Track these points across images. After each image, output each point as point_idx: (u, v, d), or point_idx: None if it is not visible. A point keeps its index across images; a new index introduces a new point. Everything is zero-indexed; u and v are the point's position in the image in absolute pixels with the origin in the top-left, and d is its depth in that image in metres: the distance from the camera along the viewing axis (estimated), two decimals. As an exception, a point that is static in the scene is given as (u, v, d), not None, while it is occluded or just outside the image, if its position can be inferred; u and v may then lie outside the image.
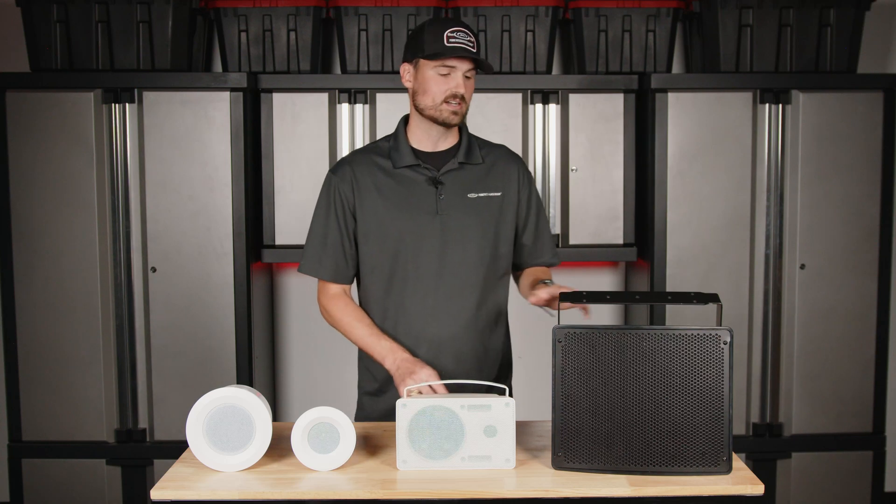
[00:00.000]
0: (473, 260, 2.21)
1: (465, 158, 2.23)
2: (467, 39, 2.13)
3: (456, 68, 2.14)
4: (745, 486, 1.77)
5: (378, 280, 2.24)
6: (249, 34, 3.34)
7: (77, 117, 3.17)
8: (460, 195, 2.21)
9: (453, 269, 2.20)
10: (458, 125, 2.21)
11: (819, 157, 3.27)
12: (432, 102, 2.16)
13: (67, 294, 3.21)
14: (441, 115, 2.16)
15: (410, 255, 2.19)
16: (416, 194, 2.20)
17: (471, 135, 2.30)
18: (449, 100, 2.14)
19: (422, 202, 2.20)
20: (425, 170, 2.21)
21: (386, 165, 2.23)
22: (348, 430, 1.85)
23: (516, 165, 2.30)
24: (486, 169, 2.26)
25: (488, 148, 2.31)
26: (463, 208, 2.20)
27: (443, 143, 2.24)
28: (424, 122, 2.21)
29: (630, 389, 1.80)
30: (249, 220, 3.25)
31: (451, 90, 2.13)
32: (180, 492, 1.76)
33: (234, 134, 3.19)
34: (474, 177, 2.24)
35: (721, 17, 3.28)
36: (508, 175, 2.27)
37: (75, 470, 3.25)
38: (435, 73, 2.14)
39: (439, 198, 2.20)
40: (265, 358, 3.58)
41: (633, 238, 3.39)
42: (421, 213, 2.19)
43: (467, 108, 2.19)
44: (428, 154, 2.24)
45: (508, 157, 2.31)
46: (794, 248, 3.29)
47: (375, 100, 3.30)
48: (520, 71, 3.36)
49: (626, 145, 3.34)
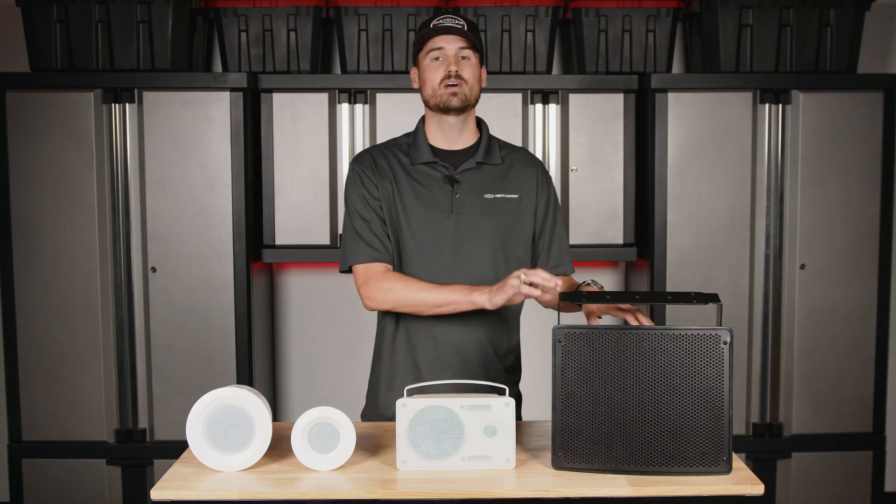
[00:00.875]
0: (486, 260, 2.19)
1: (483, 158, 2.22)
2: (453, 21, 2.14)
3: (445, 49, 2.14)
4: (745, 486, 1.77)
5: None
6: (249, 34, 3.34)
7: (77, 117, 3.17)
8: (476, 195, 2.19)
9: (465, 268, 2.18)
10: (460, 108, 2.16)
11: (819, 157, 3.27)
12: (432, 91, 2.16)
13: (67, 294, 3.21)
14: (441, 99, 2.15)
15: (424, 252, 2.18)
16: (431, 191, 2.19)
17: (492, 135, 2.28)
18: (445, 81, 2.14)
19: (437, 200, 2.18)
20: (442, 167, 2.20)
21: (404, 161, 2.22)
22: (348, 430, 1.85)
23: (535, 169, 2.28)
24: (504, 170, 2.24)
25: (509, 149, 2.29)
26: (478, 208, 2.19)
27: (460, 140, 2.23)
28: (436, 116, 2.20)
29: (630, 389, 1.80)
30: (249, 220, 3.25)
31: (445, 71, 2.14)
32: (180, 492, 1.76)
33: (234, 134, 3.19)
34: (492, 177, 2.22)
35: (721, 17, 3.28)
36: (527, 178, 2.25)
37: (75, 470, 3.26)
38: (430, 62, 2.16)
39: (454, 196, 2.18)
40: (265, 358, 3.58)
41: (633, 238, 3.39)
42: (435, 210, 2.17)
43: (471, 91, 2.16)
44: (446, 152, 2.22)
45: (528, 160, 2.29)
46: (794, 248, 3.29)
47: (375, 100, 3.30)
48: (520, 71, 3.36)
49: (626, 145, 3.34)
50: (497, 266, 2.20)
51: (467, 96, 2.16)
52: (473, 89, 2.17)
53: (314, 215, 3.32)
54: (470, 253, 2.18)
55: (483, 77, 2.22)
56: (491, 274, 2.19)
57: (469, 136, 2.24)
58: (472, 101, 2.18)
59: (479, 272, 2.18)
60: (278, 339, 3.81)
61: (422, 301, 2.11)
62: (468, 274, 2.17)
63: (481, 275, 2.18)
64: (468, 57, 2.16)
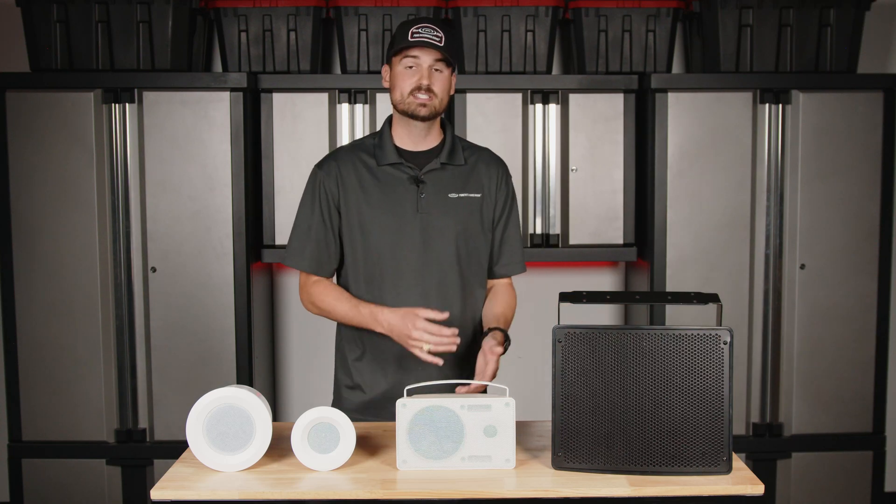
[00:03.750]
0: (452, 259, 2.23)
1: (447, 159, 2.26)
2: (432, 34, 2.17)
3: (419, 59, 2.17)
4: (745, 486, 1.77)
5: (359, 276, 2.26)
6: (249, 34, 3.34)
7: (77, 117, 3.17)
8: (441, 195, 2.23)
9: (433, 268, 2.22)
10: (427, 118, 2.20)
11: (819, 157, 3.27)
12: (401, 97, 2.19)
13: (67, 294, 3.21)
14: (409, 107, 2.18)
15: (390, 252, 2.22)
16: (397, 192, 2.22)
17: (456, 136, 2.32)
18: (415, 92, 2.17)
19: (403, 200, 2.22)
20: (408, 168, 2.24)
21: (370, 163, 2.25)
22: (348, 430, 1.85)
23: (497, 167, 2.32)
24: (468, 170, 2.28)
25: (472, 150, 2.34)
26: (443, 208, 2.23)
27: (425, 142, 2.26)
28: (403, 119, 2.24)
29: (630, 389, 1.80)
30: (249, 220, 3.25)
31: (416, 82, 2.16)
32: (180, 492, 1.76)
33: (234, 134, 3.19)
34: (456, 177, 2.26)
35: (721, 17, 3.28)
36: (489, 176, 2.29)
37: (75, 470, 3.25)
38: (403, 68, 2.18)
39: (420, 196, 2.22)
40: (265, 358, 3.58)
41: (633, 238, 3.39)
42: (402, 211, 2.21)
43: (440, 103, 2.20)
44: (411, 153, 2.26)
45: (491, 160, 2.33)
46: (794, 248, 3.29)
47: (375, 100, 3.30)
48: (520, 71, 3.35)
49: (626, 145, 3.34)
50: (461, 264, 2.25)
51: (436, 108, 2.20)
52: (443, 101, 2.21)
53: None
54: (436, 252, 2.22)
55: (452, 84, 2.26)
56: (456, 272, 2.24)
57: (434, 138, 2.28)
58: (440, 111, 2.22)
59: (445, 271, 2.23)
60: (278, 339, 3.81)
61: (334, 317, 2.26)
62: (434, 273, 2.22)
63: (447, 273, 2.23)
64: (441, 70, 2.19)
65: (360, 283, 2.25)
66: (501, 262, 2.34)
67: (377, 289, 2.23)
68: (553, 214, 3.33)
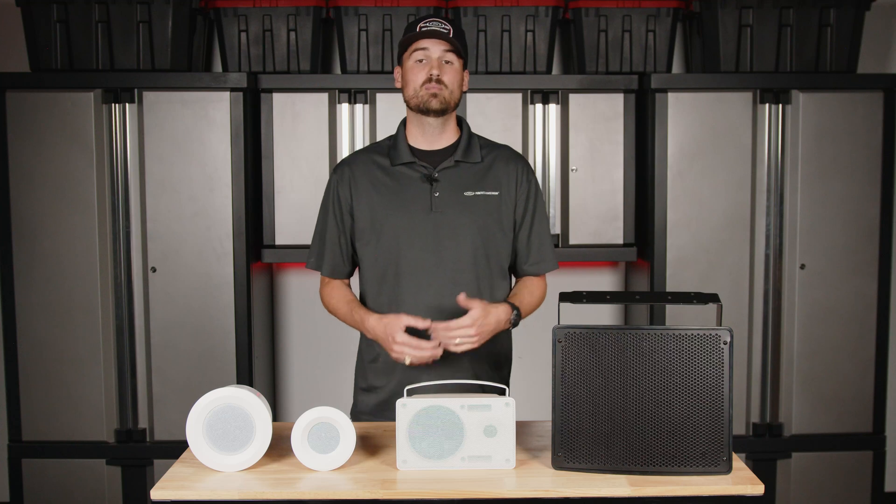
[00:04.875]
0: (467, 258, 2.21)
1: (462, 157, 2.24)
2: (441, 25, 2.17)
3: (429, 50, 2.17)
4: (745, 486, 1.77)
5: (375, 276, 2.26)
6: (249, 34, 3.34)
7: (77, 117, 3.17)
8: (456, 193, 2.22)
9: (447, 267, 2.21)
10: (440, 111, 2.19)
11: (819, 157, 3.27)
12: (413, 91, 2.19)
13: (67, 294, 3.21)
14: (421, 100, 2.18)
15: (404, 251, 2.21)
16: (410, 191, 2.22)
17: (473, 134, 2.30)
18: (426, 84, 2.17)
19: (416, 199, 2.21)
20: (421, 167, 2.23)
21: (384, 163, 2.26)
22: (348, 430, 1.85)
23: (516, 164, 2.29)
24: (485, 168, 2.26)
25: (490, 147, 2.31)
26: (458, 206, 2.21)
27: (440, 140, 2.25)
28: (417, 117, 2.23)
29: (630, 389, 1.80)
30: (249, 220, 3.25)
31: (427, 74, 2.17)
32: (180, 492, 1.76)
33: (234, 134, 3.19)
34: (472, 175, 2.24)
35: (721, 17, 3.28)
36: (508, 174, 2.26)
37: (75, 470, 3.26)
38: (413, 62, 2.19)
39: (434, 195, 2.21)
40: (265, 358, 3.58)
41: (633, 238, 3.39)
42: (415, 209, 2.21)
43: (451, 95, 2.19)
44: (426, 152, 2.25)
45: (510, 157, 2.30)
46: (794, 248, 3.29)
47: (375, 100, 3.30)
48: (520, 71, 3.35)
49: (626, 145, 3.34)
50: (478, 263, 2.23)
51: (447, 100, 2.19)
52: (454, 93, 2.20)
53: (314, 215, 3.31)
54: (450, 251, 2.21)
55: (465, 81, 2.25)
56: (472, 272, 2.22)
57: (449, 137, 2.27)
58: (452, 104, 2.21)
59: (460, 270, 2.21)
60: (278, 339, 3.81)
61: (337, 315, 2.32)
62: (449, 272, 2.21)
63: (462, 273, 2.21)
64: (451, 62, 2.19)
65: (376, 283, 2.25)
66: (531, 260, 2.30)
67: (392, 288, 2.23)
68: (553, 214, 3.33)
